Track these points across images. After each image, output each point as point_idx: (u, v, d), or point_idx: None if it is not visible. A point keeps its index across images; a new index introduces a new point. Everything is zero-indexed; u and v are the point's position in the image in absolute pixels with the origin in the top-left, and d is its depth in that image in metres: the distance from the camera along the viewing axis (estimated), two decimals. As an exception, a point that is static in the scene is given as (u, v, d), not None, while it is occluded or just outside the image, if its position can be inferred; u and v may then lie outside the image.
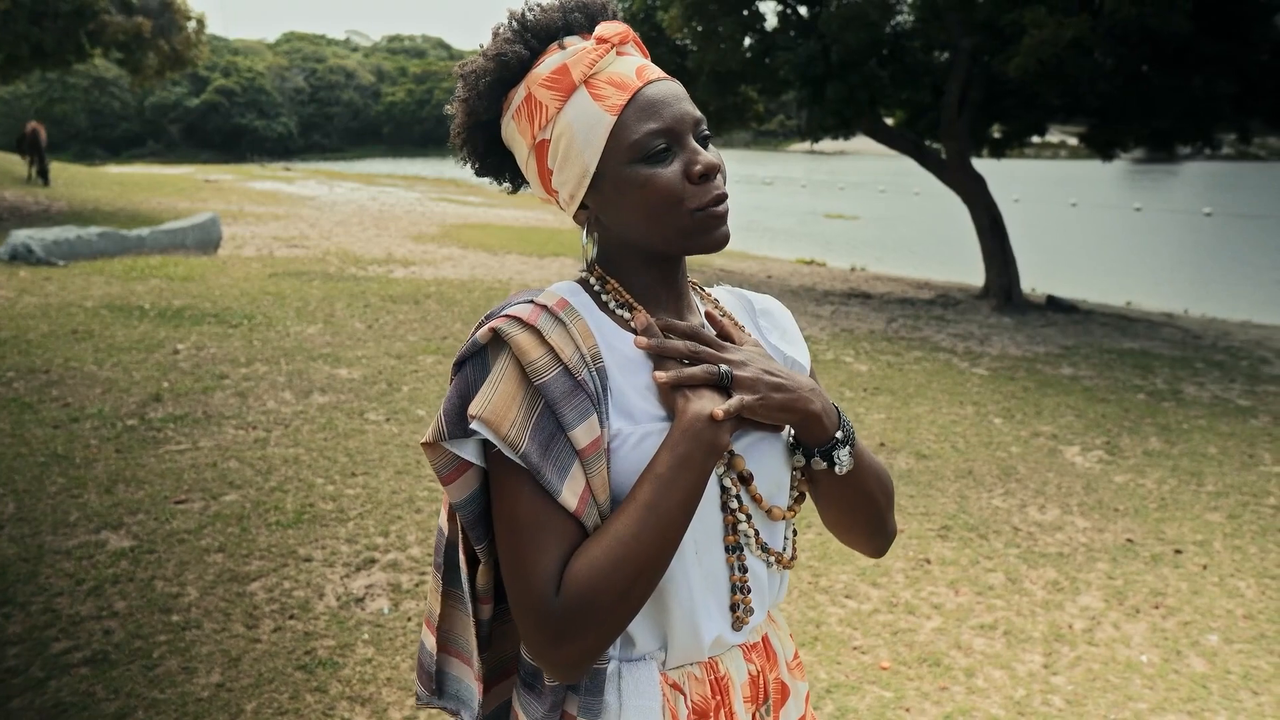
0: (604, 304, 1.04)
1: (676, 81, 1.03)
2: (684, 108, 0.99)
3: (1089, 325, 10.20)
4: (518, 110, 1.01)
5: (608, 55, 0.99)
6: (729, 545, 1.02)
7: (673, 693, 1.00)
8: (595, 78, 0.98)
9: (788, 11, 11.50)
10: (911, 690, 2.98)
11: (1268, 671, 3.18)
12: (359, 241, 14.33)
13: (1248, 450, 5.67)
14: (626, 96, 0.97)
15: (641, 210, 0.98)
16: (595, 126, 0.97)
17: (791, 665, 1.16)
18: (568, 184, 1.01)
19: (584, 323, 0.98)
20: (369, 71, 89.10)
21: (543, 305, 0.97)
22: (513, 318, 0.95)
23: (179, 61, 18.28)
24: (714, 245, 1.00)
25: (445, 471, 0.97)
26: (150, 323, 7.34)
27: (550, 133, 0.99)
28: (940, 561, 3.92)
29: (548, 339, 0.94)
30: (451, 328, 7.86)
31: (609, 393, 0.97)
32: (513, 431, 0.91)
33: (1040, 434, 5.80)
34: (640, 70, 0.99)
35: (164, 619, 3.14)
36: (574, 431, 0.92)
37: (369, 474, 4.48)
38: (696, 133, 1.00)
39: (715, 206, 0.99)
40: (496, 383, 0.93)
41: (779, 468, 1.07)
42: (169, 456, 4.57)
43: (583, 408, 0.93)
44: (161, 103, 67.20)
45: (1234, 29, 9.40)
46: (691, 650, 1.01)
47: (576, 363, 0.94)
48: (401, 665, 2.95)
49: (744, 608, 1.03)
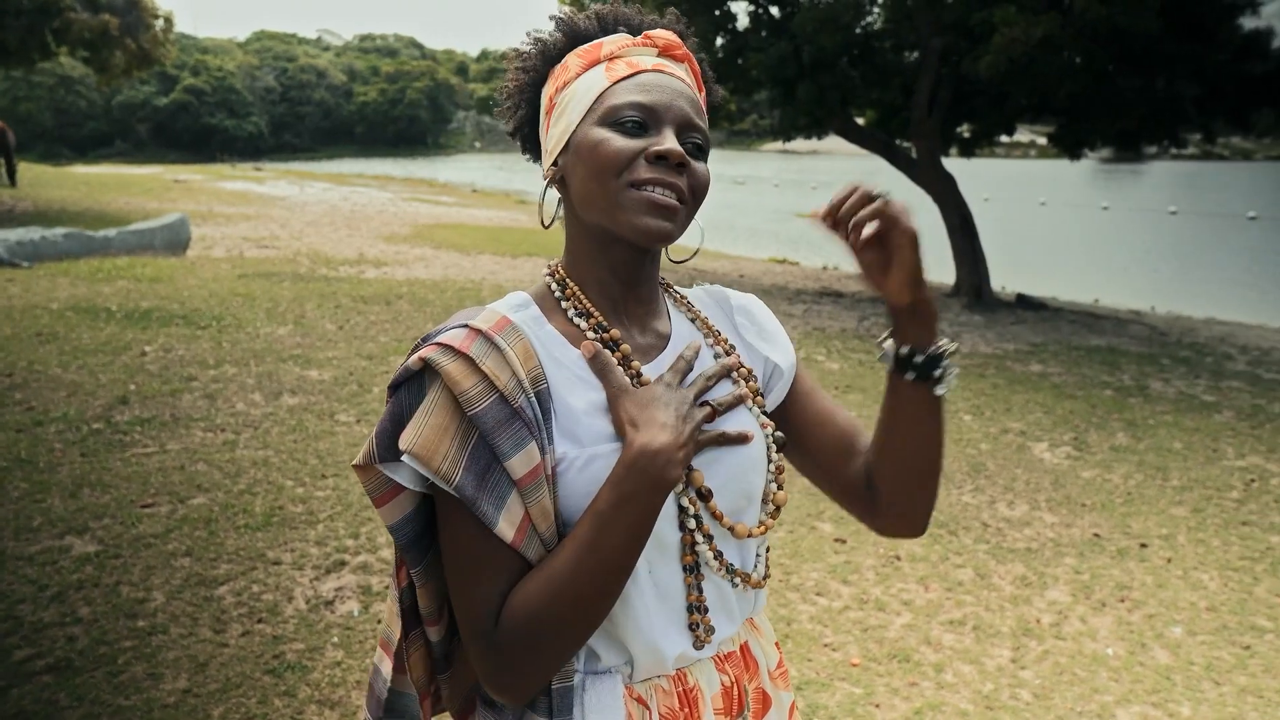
0: (561, 311, 1.02)
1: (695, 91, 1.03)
2: (680, 104, 0.98)
3: (1058, 323, 10.32)
4: (555, 72, 1.04)
5: (644, 47, 1.01)
6: (685, 565, 0.98)
7: (638, 707, 0.97)
8: (618, 58, 1.00)
9: (759, 12, 11.54)
10: (881, 686, 3.00)
11: (1230, 662, 3.24)
12: (330, 242, 14.22)
13: (1211, 445, 5.76)
14: (630, 72, 0.99)
15: (589, 171, 0.96)
16: (591, 89, 0.99)
17: (774, 674, 1.11)
18: (551, 138, 1.02)
19: (525, 343, 0.95)
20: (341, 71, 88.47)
21: (477, 330, 0.93)
22: (444, 346, 0.91)
23: (147, 60, 18.06)
24: (645, 232, 0.95)
25: (377, 494, 0.94)
26: (117, 324, 7.24)
27: (562, 95, 1.01)
28: (910, 558, 3.95)
29: (481, 366, 0.90)
30: (424, 328, 7.81)
31: (553, 415, 0.94)
32: (444, 465, 0.87)
33: (1009, 430, 5.86)
34: (660, 66, 1.01)
35: (129, 624, 3.10)
36: (510, 461, 0.88)
37: (339, 476, 4.45)
38: (684, 134, 0.98)
39: (657, 190, 0.94)
40: (428, 413, 0.89)
41: (747, 482, 1.03)
42: (135, 460, 4.52)
43: (519, 436, 0.89)
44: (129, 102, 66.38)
45: (1198, 30, 9.55)
46: (655, 665, 0.97)
47: (513, 389, 0.90)
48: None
49: (703, 627, 0.99)
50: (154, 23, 17.91)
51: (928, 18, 10.03)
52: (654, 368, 1.02)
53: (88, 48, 16.81)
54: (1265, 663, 3.24)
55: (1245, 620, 3.55)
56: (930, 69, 10.74)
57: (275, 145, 74.57)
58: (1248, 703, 2.99)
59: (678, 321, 1.09)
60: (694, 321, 1.11)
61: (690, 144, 0.98)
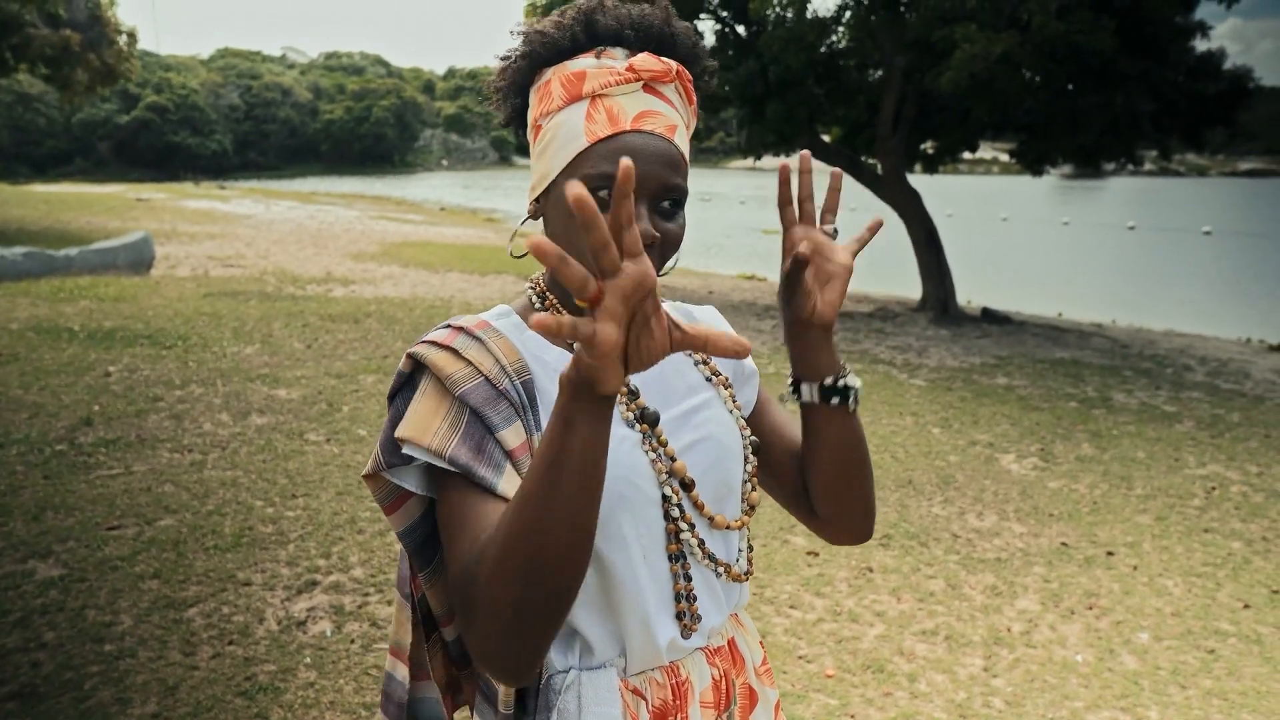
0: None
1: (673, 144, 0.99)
2: (655, 169, 0.96)
3: (1022, 336, 10.47)
4: (539, 87, 1.03)
5: (629, 85, 0.98)
6: (671, 554, 1.01)
7: (634, 699, 0.99)
8: (601, 99, 0.97)
9: (725, 31, 11.66)
10: (856, 697, 3.02)
11: (1195, 666, 3.29)
12: (297, 260, 14.11)
13: (1173, 454, 5.87)
14: (608, 133, 0.96)
15: (563, 231, 0.98)
16: (570, 143, 0.97)
17: (760, 671, 1.14)
18: (535, 175, 1.04)
19: (506, 340, 0.99)
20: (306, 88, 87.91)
21: (459, 328, 0.99)
22: (429, 342, 0.97)
23: (110, 76, 17.86)
24: None
25: (386, 502, 0.97)
26: (80, 345, 7.13)
27: (546, 123, 1.01)
28: (882, 570, 3.99)
29: (464, 355, 0.95)
30: (393, 346, 7.77)
31: (538, 404, 0.97)
32: (435, 440, 0.90)
33: (977, 442, 5.94)
34: (642, 115, 0.97)
35: (96, 649, 3.05)
36: (502, 433, 0.92)
37: (309, 495, 4.41)
38: (656, 200, 0.97)
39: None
40: (419, 400, 0.94)
41: (726, 472, 1.06)
42: (100, 482, 4.45)
43: (507, 413, 0.93)
44: (90, 119, 65.44)
45: (1152, 50, 9.79)
46: (650, 655, 0.99)
47: (497, 374, 0.95)
48: (345, 688, 2.90)
49: (690, 615, 1.01)
50: (117, 38, 17.71)
51: (891, 36, 10.19)
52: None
53: (48, 64, 16.60)
54: (1229, 666, 3.31)
55: (1209, 625, 3.62)
56: (894, 86, 10.90)
57: (240, 163, 73.82)
58: (1213, 705, 3.05)
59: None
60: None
61: (667, 204, 0.98)
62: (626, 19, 1.01)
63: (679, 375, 1.09)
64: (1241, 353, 10.41)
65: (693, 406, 1.07)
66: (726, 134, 18.72)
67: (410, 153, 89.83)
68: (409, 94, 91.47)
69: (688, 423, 1.05)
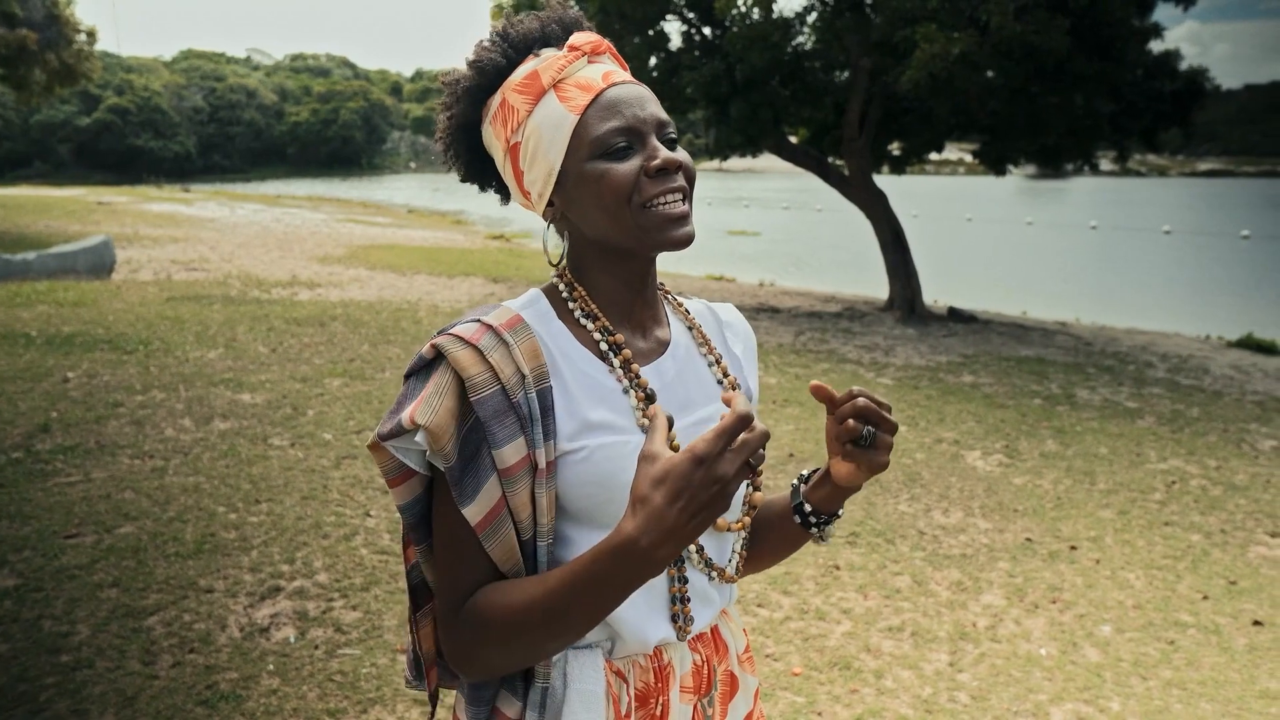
0: (569, 311, 1.06)
1: (644, 86, 1.05)
2: (648, 108, 1.01)
3: (988, 335, 10.59)
4: (494, 116, 1.04)
5: (578, 61, 1.02)
6: None
7: (617, 680, 1.02)
8: (564, 82, 1.01)
9: (692, 32, 11.68)
10: (823, 694, 3.03)
11: (1155, 657, 3.34)
12: (262, 264, 13.95)
13: (1135, 449, 5.96)
14: (590, 97, 0.99)
15: (599, 205, 0.99)
16: (560, 126, 0.99)
17: (742, 658, 1.17)
18: (536, 183, 1.03)
19: (533, 341, 0.99)
20: (271, 90, 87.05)
21: (488, 325, 0.98)
22: (456, 336, 0.97)
23: (69, 76, 17.55)
24: (672, 243, 1.01)
25: (391, 475, 0.99)
26: (37, 350, 7.00)
27: (521, 135, 1.02)
28: (849, 567, 4.01)
29: (488, 358, 0.95)
30: (359, 350, 7.70)
31: (553, 412, 0.97)
32: (449, 445, 0.93)
33: (943, 440, 5.99)
34: (607, 75, 1.02)
35: (52, 660, 2.99)
36: (502, 449, 0.94)
37: (273, 500, 4.35)
38: (661, 134, 1.01)
39: (669, 201, 0.99)
40: (440, 394, 0.95)
41: None
42: (58, 489, 4.36)
43: (512, 429, 0.94)
44: (49, 121, 64.39)
45: (1107, 51, 9.94)
46: (638, 647, 1.03)
47: (514, 384, 0.95)
48: (309, 695, 2.87)
49: (684, 618, 1.05)
50: (76, 38, 17.41)
51: (856, 37, 10.26)
52: (652, 371, 1.07)
53: (4, 64, 16.29)
54: (1188, 656, 3.36)
55: (1169, 616, 3.67)
56: (860, 88, 10.98)
57: (204, 166, 72.99)
58: (1173, 695, 3.09)
59: (676, 328, 1.14)
60: (690, 330, 1.16)
61: (668, 139, 1.02)
62: (537, 20, 1.06)
63: (699, 384, 1.11)
64: (1201, 349, 10.60)
65: (707, 415, 1.09)
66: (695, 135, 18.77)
67: (378, 155, 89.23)
68: (376, 96, 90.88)
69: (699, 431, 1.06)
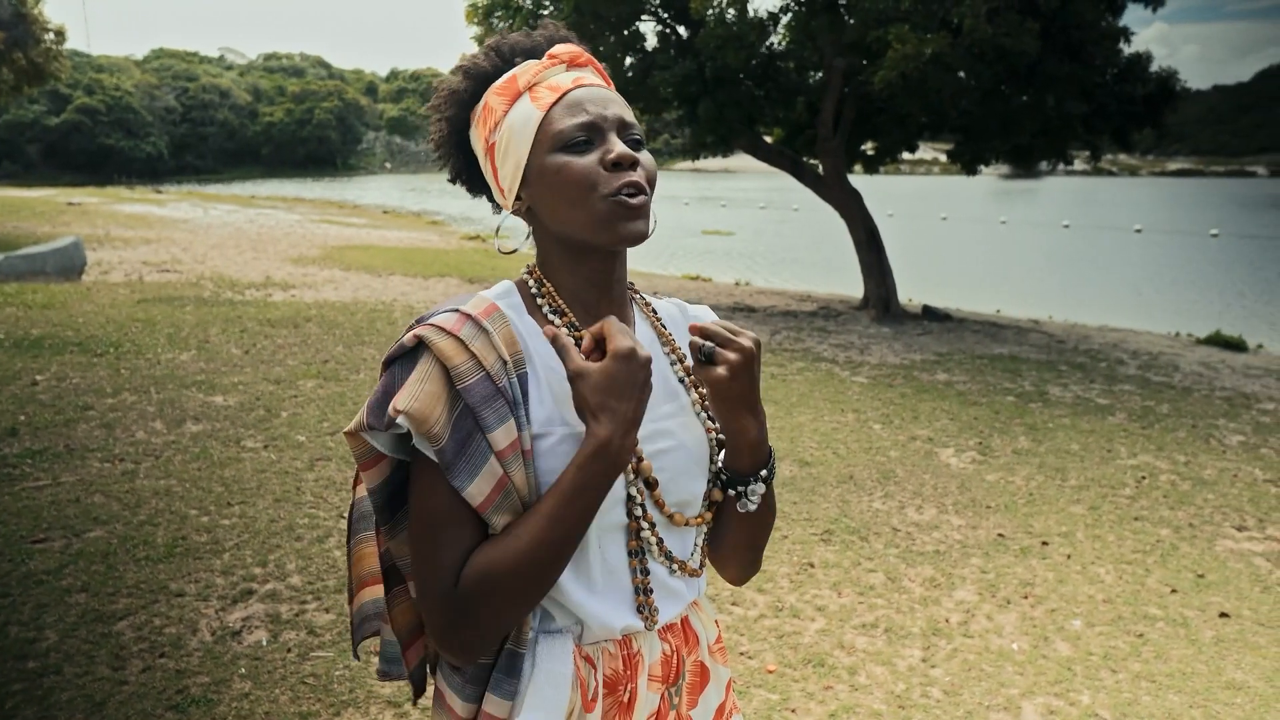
0: (538, 307, 1.08)
1: (616, 93, 1.09)
2: (611, 109, 1.04)
3: (962, 333, 10.67)
4: (478, 118, 1.09)
5: (555, 68, 1.07)
6: (631, 549, 1.07)
7: (585, 665, 1.04)
8: (538, 85, 1.05)
9: (667, 31, 11.70)
10: (797, 691, 3.04)
11: (1125, 651, 3.38)
12: (236, 265, 13.83)
13: (1106, 446, 6.03)
14: (557, 96, 1.04)
15: (559, 196, 1.02)
16: (527, 125, 1.04)
17: (713, 649, 1.19)
18: (506, 178, 1.07)
19: (509, 329, 1.02)
20: (245, 90, 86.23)
21: (467, 314, 1.01)
22: (437, 326, 1.00)
23: (37, 75, 17.35)
24: (625, 238, 1.02)
25: (364, 459, 1.03)
26: (5, 353, 6.90)
27: (498, 135, 1.06)
28: (823, 565, 4.03)
29: (470, 347, 0.98)
30: (333, 351, 7.65)
31: (528, 398, 1.01)
32: (435, 428, 0.95)
33: (917, 438, 6.03)
34: (578, 79, 1.06)
35: (19, 666, 2.95)
36: (494, 434, 0.97)
37: (246, 503, 4.32)
38: (623, 134, 1.04)
39: (626, 195, 1.01)
40: (422, 382, 0.97)
41: (690, 477, 1.12)
42: (25, 494, 4.30)
43: (501, 411, 0.98)
44: (18, 121, 63.46)
45: (1078, 53, 10.05)
46: (604, 633, 1.05)
47: (498, 370, 0.99)
48: (281, 698, 2.85)
49: (649, 608, 1.07)
50: (44, 36, 17.18)
51: (830, 38, 10.31)
52: None
53: (-30, 65, 16.05)
54: (1157, 649, 3.40)
55: (1139, 610, 3.72)
56: (834, 88, 11.04)
57: (176, 167, 72.18)
58: (1142, 688, 3.13)
59: (641, 328, 1.17)
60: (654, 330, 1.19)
61: (631, 140, 1.05)
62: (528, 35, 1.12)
63: (661, 382, 1.13)
64: (1171, 346, 10.74)
65: (668, 413, 1.12)
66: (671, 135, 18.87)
67: (353, 155, 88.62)
68: (351, 96, 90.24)
69: (661, 428, 1.10)
